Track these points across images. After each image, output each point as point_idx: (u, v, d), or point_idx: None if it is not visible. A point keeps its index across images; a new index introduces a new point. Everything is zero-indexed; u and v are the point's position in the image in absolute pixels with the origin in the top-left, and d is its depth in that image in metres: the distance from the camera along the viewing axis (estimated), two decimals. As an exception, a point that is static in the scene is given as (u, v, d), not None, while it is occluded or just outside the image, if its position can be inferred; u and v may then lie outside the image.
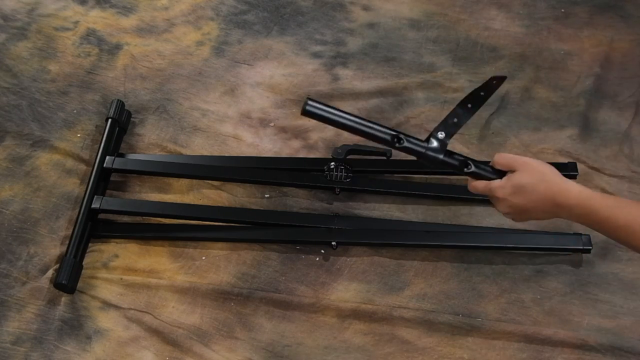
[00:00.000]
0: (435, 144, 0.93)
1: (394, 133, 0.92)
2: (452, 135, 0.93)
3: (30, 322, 1.28)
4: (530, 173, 0.91)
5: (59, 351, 1.25)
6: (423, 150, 0.91)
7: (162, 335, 1.27)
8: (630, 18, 1.82)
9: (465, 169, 0.95)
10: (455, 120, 0.95)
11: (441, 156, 0.91)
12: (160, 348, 1.26)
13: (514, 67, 1.71)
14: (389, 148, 0.90)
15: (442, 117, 1.61)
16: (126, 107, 1.59)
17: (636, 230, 0.84)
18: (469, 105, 0.96)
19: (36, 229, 1.41)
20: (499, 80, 0.97)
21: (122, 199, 1.46)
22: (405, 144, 0.90)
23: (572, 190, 0.89)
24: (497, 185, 0.93)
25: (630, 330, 1.27)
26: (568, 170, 1.46)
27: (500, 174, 0.97)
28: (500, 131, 1.58)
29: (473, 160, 0.96)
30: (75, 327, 1.28)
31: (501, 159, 0.96)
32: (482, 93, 0.96)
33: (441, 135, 0.93)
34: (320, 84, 1.68)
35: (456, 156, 0.96)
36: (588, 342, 1.25)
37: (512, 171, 0.95)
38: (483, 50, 1.75)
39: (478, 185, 0.96)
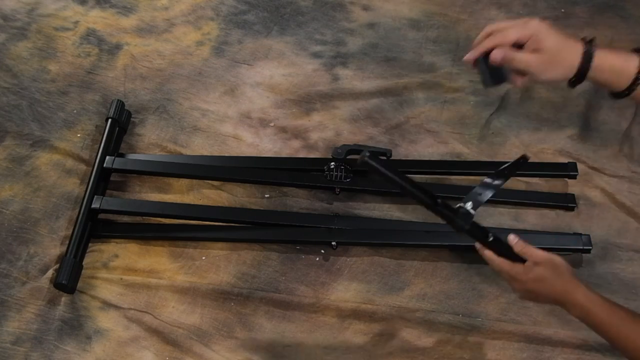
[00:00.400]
0: (464, 214, 0.98)
1: (433, 197, 0.98)
2: (477, 208, 0.99)
3: (30, 322, 1.28)
4: (551, 269, 1.00)
5: (59, 351, 1.25)
6: (453, 218, 0.97)
7: (162, 335, 1.27)
8: (630, 18, 1.82)
9: (488, 239, 1.02)
10: (480, 194, 1.00)
11: (467, 226, 0.97)
12: (160, 348, 1.26)
13: (514, 67, 1.71)
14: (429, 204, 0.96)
15: (442, 117, 1.62)
16: (126, 107, 1.59)
17: (622, 345, 0.96)
18: (494, 182, 1.01)
19: (36, 229, 1.41)
20: (525, 160, 1.03)
21: (122, 199, 1.46)
22: (440, 207, 0.96)
23: (579, 293, 1.00)
24: (519, 271, 1.01)
25: (630, 330, 1.27)
26: (568, 170, 1.46)
27: (519, 257, 1.03)
28: (500, 131, 1.58)
29: (495, 234, 1.02)
30: (75, 327, 1.28)
31: (524, 250, 1.03)
32: (506, 172, 1.01)
33: (469, 205, 0.98)
34: (320, 84, 1.68)
35: (481, 229, 1.02)
36: (588, 342, 1.25)
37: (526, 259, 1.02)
38: (483, 50, 1.75)
39: (503, 265, 1.02)
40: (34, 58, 1.72)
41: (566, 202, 1.44)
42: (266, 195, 1.48)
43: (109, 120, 1.53)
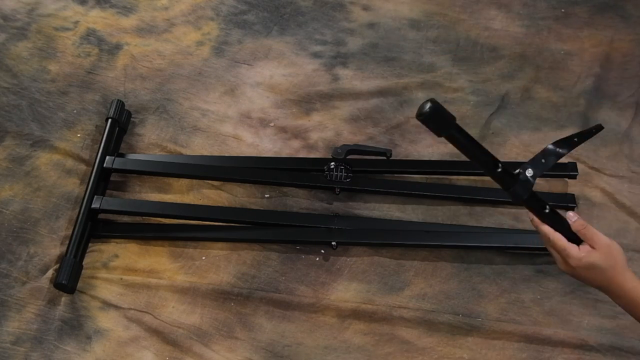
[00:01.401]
0: (523, 183, 0.95)
1: (498, 163, 0.94)
2: (538, 176, 0.96)
3: (30, 322, 1.28)
4: (607, 257, 0.96)
5: (59, 351, 1.25)
6: (510, 187, 0.93)
7: (162, 335, 1.27)
8: (630, 18, 1.82)
9: (545, 210, 0.97)
10: (543, 160, 0.96)
11: (525, 196, 0.93)
12: (160, 348, 1.26)
13: (514, 67, 1.71)
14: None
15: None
16: (126, 107, 1.59)
17: None
18: (559, 150, 0.98)
19: (36, 229, 1.41)
20: (597, 129, 1.02)
21: (122, 199, 1.46)
22: (500, 171, 0.92)
23: (627, 283, 0.96)
24: (574, 254, 0.96)
25: (630, 330, 1.27)
26: (568, 170, 1.47)
27: (573, 235, 0.99)
28: (500, 131, 1.58)
29: (552, 207, 0.98)
30: (75, 327, 1.28)
31: (584, 230, 0.99)
32: (575, 139, 0.98)
33: (529, 173, 0.94)
34: (320, 84, 1.68)
35: (539, 200, 0.98)
36: (588, 342, 1.25)
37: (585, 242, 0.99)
38: (483, 50, 1.75)
39: (560, 242, 0.97)
40: (34, 58, 1.72)
41: (566, 202, 1.44)
42: (266, 195, 1.48)
43: (109, 120, 1.53)
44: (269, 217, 1.41)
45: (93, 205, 1.39)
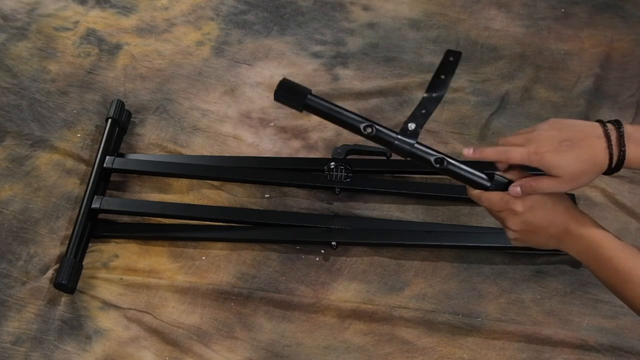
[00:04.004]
0: (406, 134, 0.92)
1: (367, 122, 0.92)
2: (422, 126, 0.92)
3: (30, 322, 1.28)
4: (552, 194, 0.88)
5: (59, 351, 1.25)
6: (392, 141, 0.91)
7: (162, 335, 1.27)
8: (630, 18, 1.82)
9: (438, 165, 0.92)
10: (424, 111, 0.93)
11: (409, 147, 0.90)
12: (160, 348, 1.26)
13: (514, 67, 1.71)
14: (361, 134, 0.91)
15: (442, 117, 1.62)
16: (126, 107, 1.59)
17: (633, 280, 0.81)
18: (434, 95, 0.94)
19: (36, 229, 1.41)
20: (455, 56, 0.94)
21: (122, 199, 1.46)
22: (376, 132, 0.90)
23: (586, 219, 0.87)
24: (515, 200, 0.88)
25: (630, 330, 1.27)
26: (568, 170, 1.46)
27: (490, 178, 0.92)
28: (500, 131, 1.58)
29: (451, 158, 0.93)
30: (75, 327, 1.28)
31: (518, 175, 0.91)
32: (442, 76, 0.94)
33: (412, 126, 0.91)
34: (320, 84, 1.68)
35: (430, 150, 0.93)
36: (588, 342, 1.25)
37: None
38: (483, 50, 1.75)
39: (492, 197, 0.90)
40: (34, 58, 1.72)
41: (566, 202, 1.44)
42: (266, 195, 1.48)
43: (109, 120, 1.53)
44: (269, 217, 1.41)
45: (93, 205, 1.39)
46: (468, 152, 0.92)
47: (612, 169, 0.86)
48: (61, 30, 1.79)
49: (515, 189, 0.89)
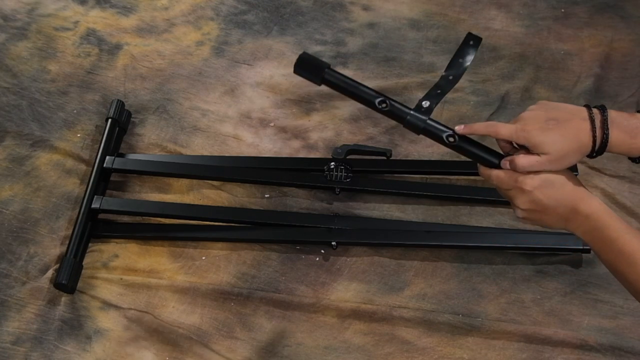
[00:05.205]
0: (420, 111, 0.94)
1: (381, 97, 0.94)
2: (436, 104, 0.95)
3: (30, 322, 1.28)
4: (561, 172, 0.88)
5: (59, 351, 1.25)
6: (405, 116, 0.93)
7: (162, 335, 1.27)
8: (630, 18, 1.82)
9: (449, 140, 0.94)
10: (439, 91, 0.96)
11: (422, 123, 0.92)
12: (160, 348, 1.26)
13: (514, 67, 1.71)
14: (375, 108, 0.93)
15: (442, 118, 1.62)
16: (126, 107, 1.59)
17: (637, 263, 0.81)
18: (450, 77, 0.97)
19: (36, 229, 1.41)
20: (476, 41, 0.96)
21: (122, 199, 1.46)
22: (390, 108, 0.91)
23: (594, 200, 0.87)
24: (526, 174, 0.88)
25: (630, 330, 1.27)
26: (568, 170, 1.46)
27: (500, 157, 0.94)
28: (500, 131, 1.58)
29: (464, 136, 0.95)
30: (75, 327, 1.28)
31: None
32: (460, 60, 0.96)
33: (426, 104, 0.94)
34: (320, 84, 1.67)
35: (442, 126, 0.95)
36: (588, 342, 1.25)
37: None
38: (483, 50, 1.75)
39: (501, 174, 0.91)
40: (34, 58, 1.72)
41: (566, 202, 1.44)
42: (266, 195, 1.48)
43: (109, 120, 1.53)
44: (269, 217, 1.41)
45: (93, 205, 1.39)
46: (459, 128, 0.96)
47: (595, 152, 0.87)
48: (61, 30, 1.79)
49: (505, 162, 0.92)
